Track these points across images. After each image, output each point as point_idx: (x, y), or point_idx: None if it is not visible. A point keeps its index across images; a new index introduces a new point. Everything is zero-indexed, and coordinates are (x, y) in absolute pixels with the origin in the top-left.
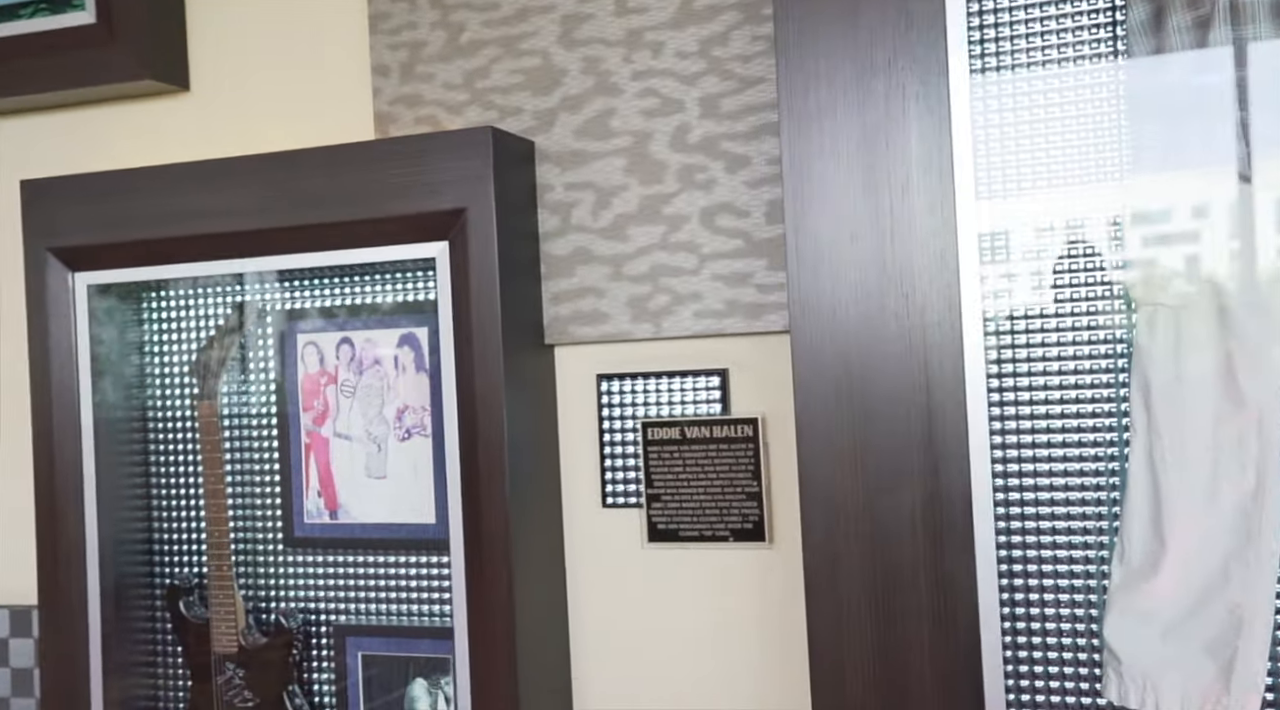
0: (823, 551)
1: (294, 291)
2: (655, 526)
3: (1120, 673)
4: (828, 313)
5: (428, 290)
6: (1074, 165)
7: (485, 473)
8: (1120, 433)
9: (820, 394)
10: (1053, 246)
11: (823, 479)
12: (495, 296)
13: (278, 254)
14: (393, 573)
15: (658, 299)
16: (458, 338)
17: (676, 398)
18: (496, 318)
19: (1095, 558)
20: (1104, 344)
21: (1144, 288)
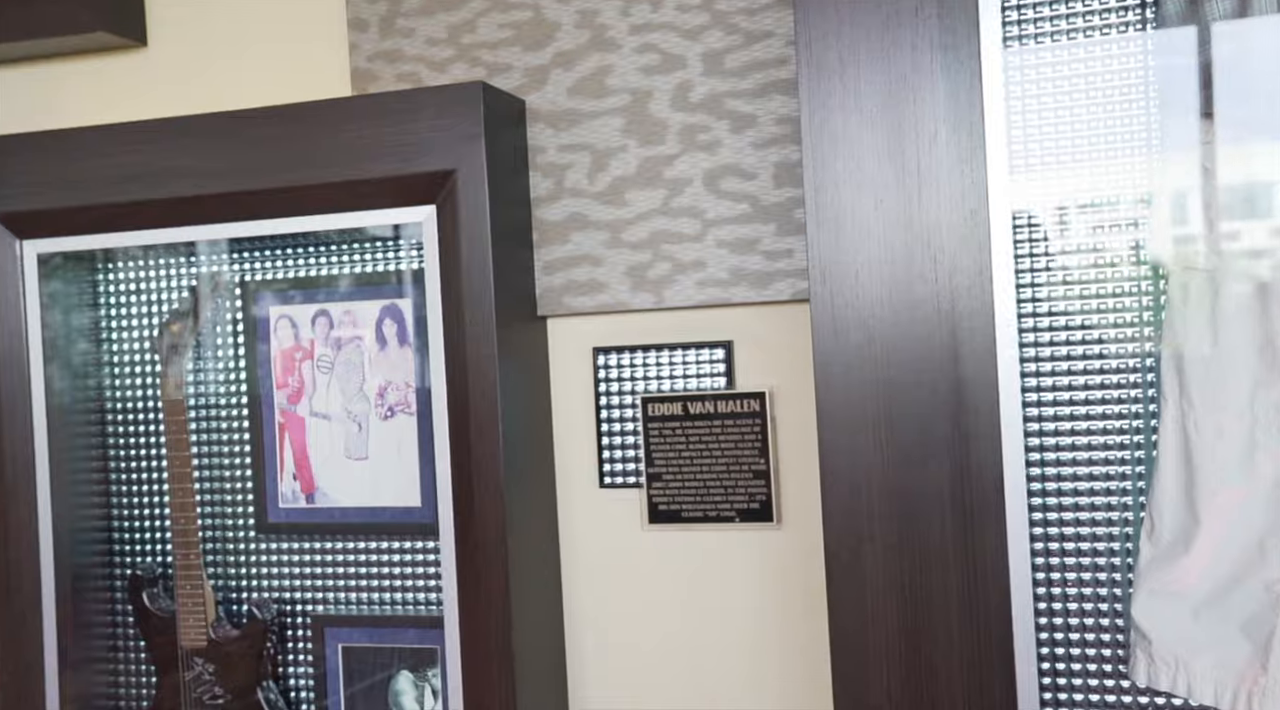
0: (845, 531)
1: (265, 261)
2: (656, 507)
3: (1150, 654)
4: (849, 277)
5: (412, 258)
6: (1109, 129)
7: (478, 453)
8: (1146, 404)
9: (842, 364)
10: (1088, 211)
11: (844, 455)
12: (488, 265)
13: (247, 220)
14: (375, 559)
15: (658, 267)
16: (447, 309)
17: (678, 371)
18: (489, 288)
19: (1121, 536)
20: (1148, 311)
21: (1177, 253)
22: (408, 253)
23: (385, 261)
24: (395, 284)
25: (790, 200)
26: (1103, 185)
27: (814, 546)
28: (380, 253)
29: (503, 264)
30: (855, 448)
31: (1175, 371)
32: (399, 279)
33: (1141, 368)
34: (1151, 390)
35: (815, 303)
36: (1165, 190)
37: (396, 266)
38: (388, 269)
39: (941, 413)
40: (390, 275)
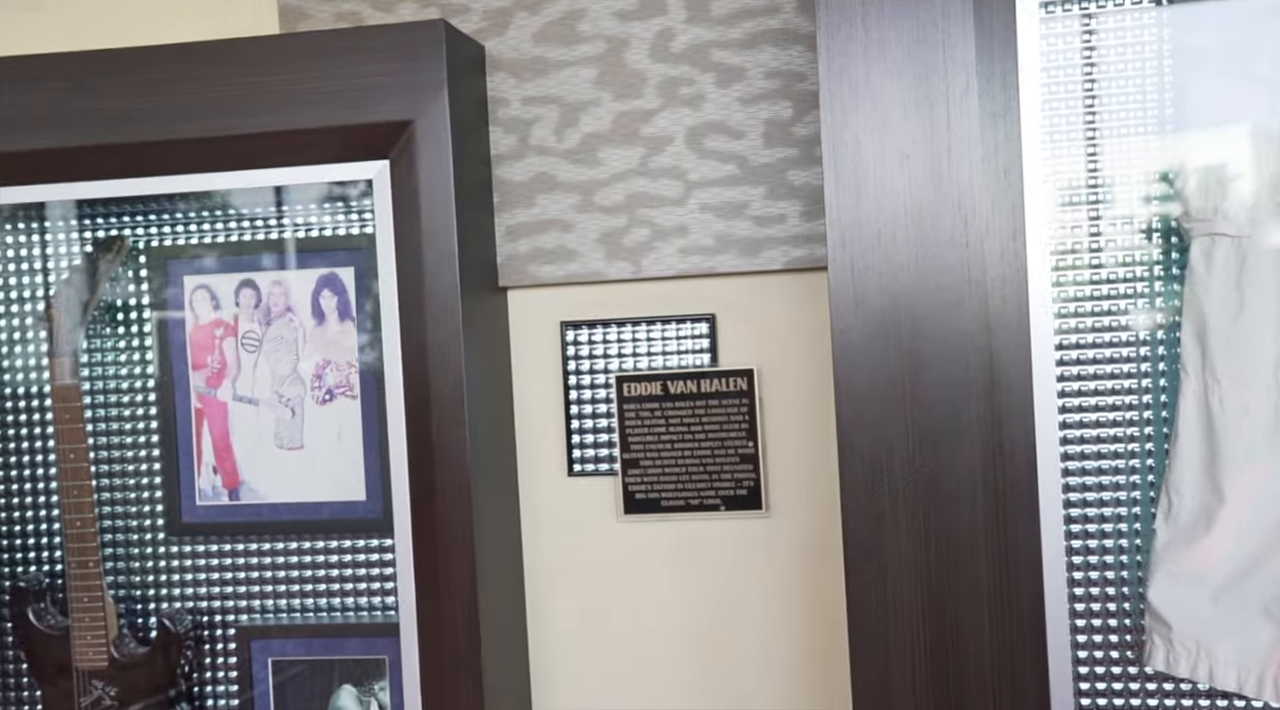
0: (864, 518)
1: (179, 223)
2: (632, 496)
3: (1169, 640)
4: (871, 239)
5: (355, 222)
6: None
7: (441, 440)
8: (1154, 377)
9: (862, 335)
10: (1123, 173)
11: (865, 434)
12: (451, 230)
13: (160, 174)
14: (311, 561)
15: (635, 233)
16: (403, 280)
17: (657, 348)
18: (453, 256)
19: (1130, 516)
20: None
21: (1200, 215)
22: (352, 216)
23: (323, 225)
24: (336, 250)
25: (782, 161)
26: (1136, 146)
27: (806, 536)
28: (317, 214)
29: (462, 229)
30: (877, 427)
31: (1198, 343)
32: (340, 245)
33: (1153, 339)
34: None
35: (834, 268)
36: (1196, 153)
37: (338, 231)
38: (326, 233)
39: (972, 389)
40: (329, 240)
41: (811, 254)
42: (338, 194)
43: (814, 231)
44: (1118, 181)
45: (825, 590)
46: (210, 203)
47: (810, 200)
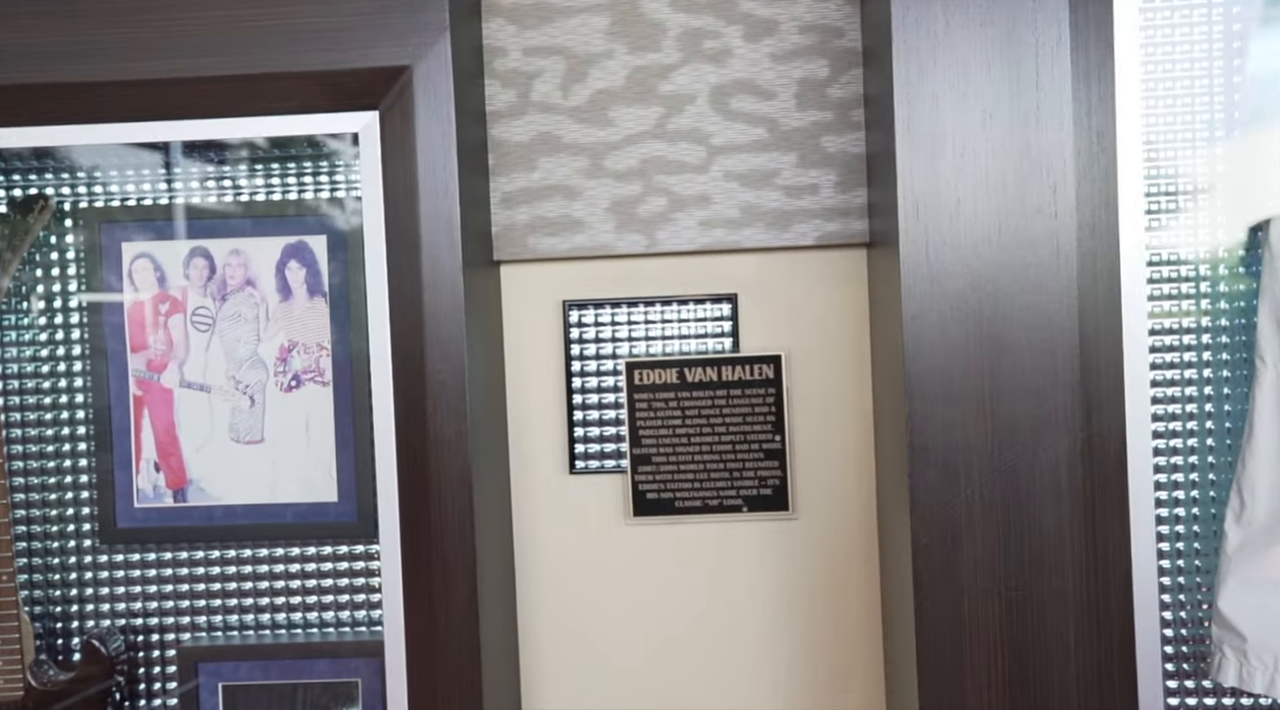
0: (938, 530)
1: (117, 180)
2: (643, 497)
3: (1243, 652)
4: (949, 209)
5: (331, 182)
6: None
7: (438, 433)
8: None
9: (937, 318)
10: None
11: (939, 429)
12: (452, 192)
13: (100, 121)
14: (270, 572)
15: (651, 203)
16: (395, 249)
17: (672, 331)
18: (454, 224)
19: (1187, 518)
20: None
21: None
22: (325, 174)
23: (293, 185)
24: (304, 215)
25: (816, 125)
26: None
27: (838, 540)
28: (286, 173)
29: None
30: (952, 421)
31: (1276, 330)
32: (311, 209)
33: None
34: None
35: (906, 241)
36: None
37: (308, 194)
38: (295, 195)
39: (1059, 377)
40: (298, 204)
41: (846, 228)
42: (311, 151)
43: (849, 204)
44: (1222, 150)
45: (860, 601)
46: (157, 158)
47: (846, 169)
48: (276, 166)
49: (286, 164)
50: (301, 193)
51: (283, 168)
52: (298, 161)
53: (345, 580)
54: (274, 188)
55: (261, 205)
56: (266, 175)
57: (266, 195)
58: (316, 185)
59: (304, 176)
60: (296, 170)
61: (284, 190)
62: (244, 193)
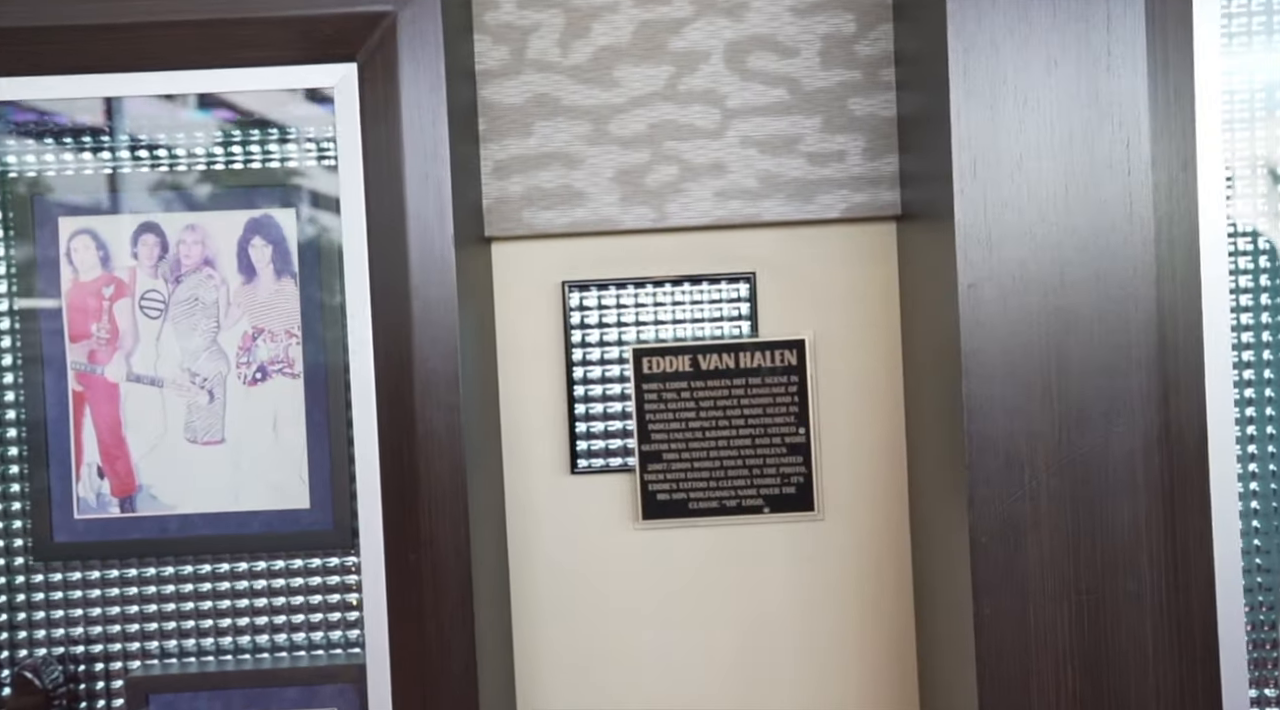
0: (999, 530)
1: (57, 145)
2: (653, 498)
3: None
4: (1009, 166)
5: (298, 147)
6: None
7: (428, 430)
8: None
9: (996, 288)
10: None
11: (999, 415)
12: (443, 157)
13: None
14: (232, 589)
15: (660, 172)
16: (377, 223)
17: (685, 314)
18: (445, 190)
19: None
20: None
21: None
22: (293, 138)
23: (257, 152)
24: (270, 186)
25: (842, 86)
26: None
27: (869, 543)
28: (249, 137)
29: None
30: (1014, 405)
31: None
32: (278, 179)
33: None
34: None
35: (961, 202)
36: None
37: (273, 159)
38: (260, 163)
39: (1134, 354)
40: (263, 173)
41: (876, 199)
42: (277, 109)
43: (879, 172)
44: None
45: (892, 611)
46: (97, 119)
47: (875, 134)
48: (238, 130)
49: (254, 124)
50: (267, 159)
51: (245, 131)
52: (262, 123)
53: (319, 597)
54: (235, 155)
55: (221, 174)
56: (227, 140)
57: (227, 163)
58: (284, 151)
59: (270, 141)
60: (261, 134)
61: (247, 157)
62: (201, 160)
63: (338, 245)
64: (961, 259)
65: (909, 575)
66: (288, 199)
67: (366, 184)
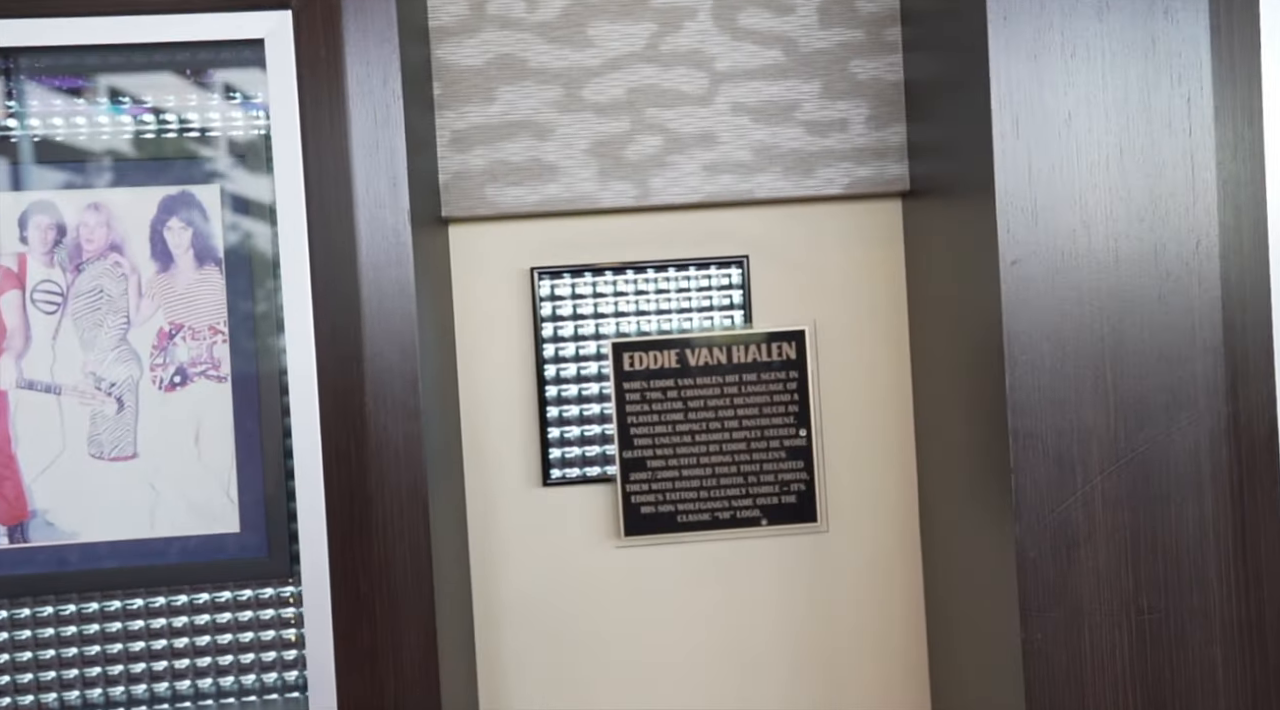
0: (1049, 541)
1: None
2: (637, 511)
3: None
4: (1058, 126)
5: (222, 113)
6: None
7: (384, 438)
8: None
9: (1042, 267)
10: None
11: (1047, 409)
12: (396, 122)
13: None
14: (147, 629)
15: (641, 143)
16: (317, 199)
17: (670, 304)
18: (399, 162)
19: None
20: None
21: None
22: (217, 101)
23: (172, 117)
24: (190, 158)
25: (843, 47)
26: None
27: (878, 558)
28: (163, 98)
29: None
30: (1063, 398)
31: None
32: (197, 149)
33: None
34: None
35: (1003, 166)
36: None
37: (192, 127)
38: (175, 131)
39: (1198, 338)
40: (180, 143)
41: (881, 173)
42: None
43: (885, 143)
44: None
45: (907, 633)
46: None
47: (880, 100)
48: (155, 87)
49: (170, 84)
50: (186, 126)
51: (159, 93)
52: (187, 79)
53: (251, 634)
54: (147, 122)
55: (131, 144)
56: (137, 102)
57: (137, 130)
58: (206, 116)
59: (189, 104)
60: (178, 96)
61: (161, 123)
62: (106, 126)
63: (272, 226)
64: (1003, 231)
65: (919, 591)
66: (211, 172)
67: (305, 154)
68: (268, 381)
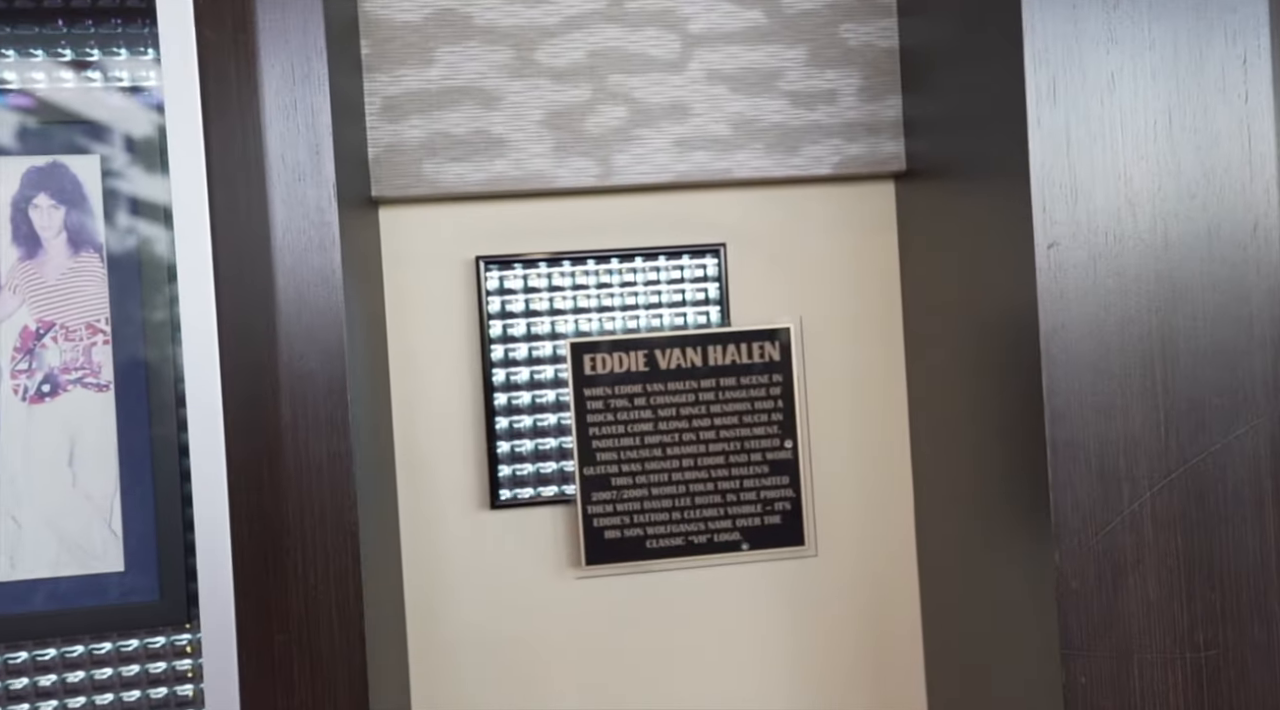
0: (1092, 549)
1: None
2: (599, 536)
3: None
4: (1098, 90)
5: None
6: None
7: (301, 455)
8: None
9: (1085, 252)
10: None
11: (1089, 415)
12: (320, 77)
13: None
14: (2, 691)
15: (604, 114)
16: (221, 172)
17: (637, 298)
18: (323, 126)
19: None
20: None
21: None
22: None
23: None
24: (60, 124)
25: (832, 8)
26: None
27: (873, 583)
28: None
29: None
30: (1106, 401)
31: None
32: (69, 113)
33: None
34: None
35: (1038, 135)
36: None
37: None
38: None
39: (1258, 332)
40: (53, 106)
41: (875, 152)
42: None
43: (879, 117)
44: None
45: (903, 670)
46: None
47: (873, 69)
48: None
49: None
50: (58, 82)
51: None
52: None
53: (139, 693)
54: (7, 79)
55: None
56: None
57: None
58: (82, 72)
59: (60, 58)
60: (47, 48)
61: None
62: None
63: (165, 205)
64: (1039, 211)
65: (917, 621)
66: (89, 140)
67: (206, 116)
68: (160, 390)
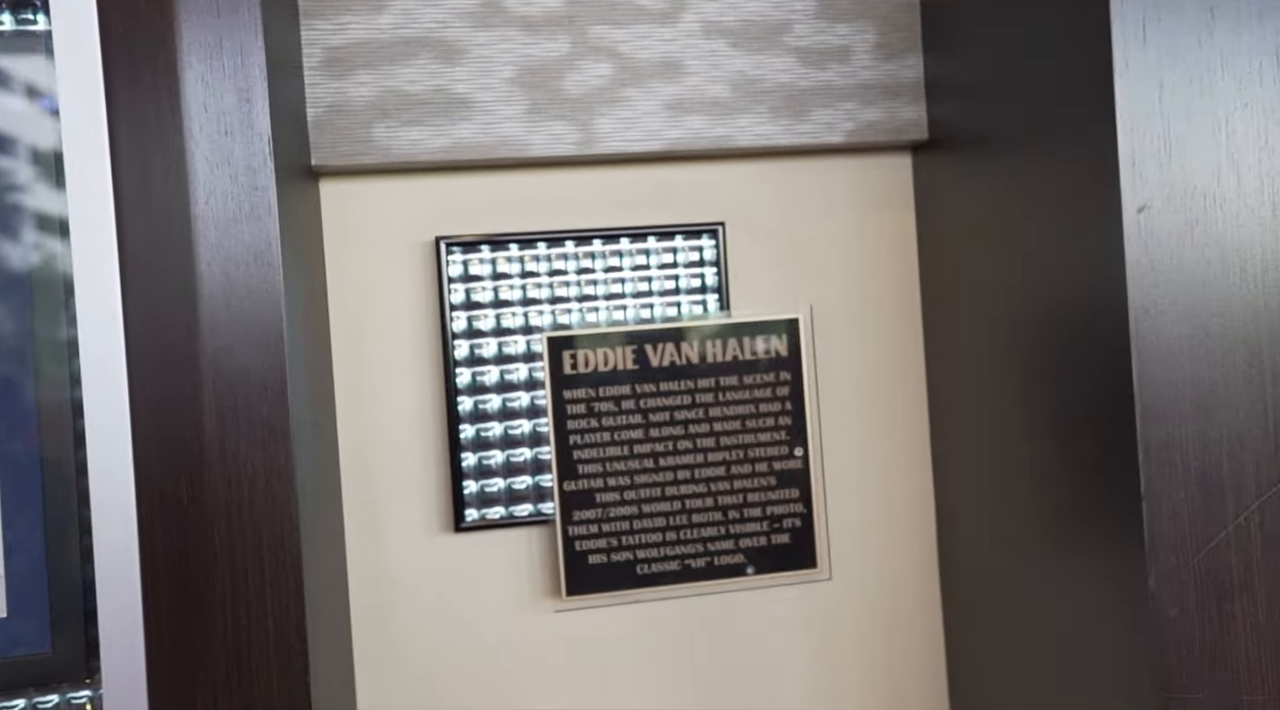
0: (1190, 573)
1: None
2: (582, 561)
3: None
4: (1195, 33)
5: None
6: None
7: (232, 472)
8: None
9: (1180, 221)
10: None
11: (1187, 413)
12: (253, 12)
13: None
14: None
15: (585, 71)
16: (126, 126)
17: (625, 287)
18: (255, 74)
19: None
20: None
21: None
22: None
23: None
24: None
25: None
26: None
27: (894, 610)
28: None
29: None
30: (1208, 395)
31: None
32: None
33: None
34: None
35: (1126, 81)
36: None
37: None
38: None
39: None
40: None
41: (893, 117)
42: None
43: (898, 78)
44: None
45: (927, 705)
46: None
47: (889, 24)
48: None
49: None
50: None
51: None
52: None
53: None
54: None
55: None
56: None
57: None
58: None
59: None
60: None
61: None
62: None
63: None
64: (1126, 167)
65: (939, 650)
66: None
67: (106, 53)
68: (50, 393)
